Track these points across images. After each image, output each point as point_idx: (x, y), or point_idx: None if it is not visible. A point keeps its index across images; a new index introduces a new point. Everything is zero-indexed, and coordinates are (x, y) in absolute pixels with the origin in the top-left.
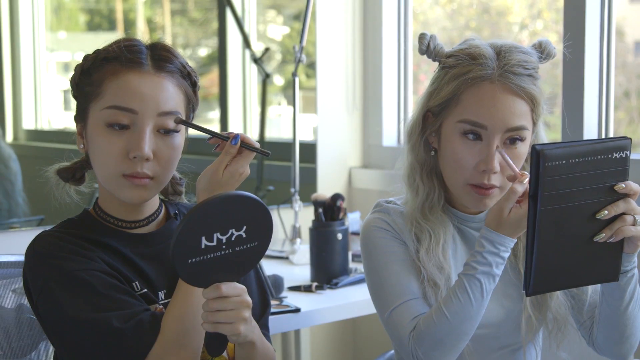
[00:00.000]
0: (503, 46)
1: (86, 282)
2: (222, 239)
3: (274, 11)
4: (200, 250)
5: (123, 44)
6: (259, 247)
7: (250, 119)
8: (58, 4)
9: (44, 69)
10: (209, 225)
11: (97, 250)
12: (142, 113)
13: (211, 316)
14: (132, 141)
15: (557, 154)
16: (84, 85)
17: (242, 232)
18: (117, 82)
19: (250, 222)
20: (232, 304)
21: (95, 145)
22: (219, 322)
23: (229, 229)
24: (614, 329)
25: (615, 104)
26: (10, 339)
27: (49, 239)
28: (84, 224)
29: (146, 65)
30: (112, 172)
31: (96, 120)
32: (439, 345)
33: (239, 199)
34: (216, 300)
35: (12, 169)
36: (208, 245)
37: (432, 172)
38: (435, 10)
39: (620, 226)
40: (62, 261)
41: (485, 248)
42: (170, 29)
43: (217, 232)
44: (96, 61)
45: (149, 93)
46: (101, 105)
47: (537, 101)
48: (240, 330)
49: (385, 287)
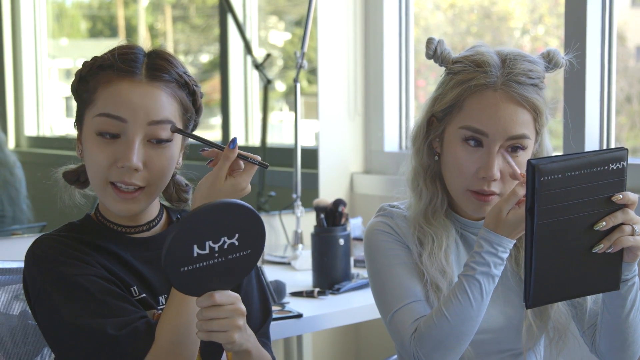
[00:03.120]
0: (509, 54)
1: (83, 287)
2: (215, 247)
3: (276, 17)
4: (193, 259)
5: (118, 52)
6: (251, 255)
7: (252, 124)
8: (60, 10)
9: (46, 76)
10: (201, 233)
11: (97, 255)
12: (132, 122)
13: (205, 325)
14: (121, 150)
15: (552, 168)
16: (81, 92)
17: (235, 240)
18: (109, 90)
19: (243, 230)
20: (226, 312)
21: (87, 152)
22: (212, 331)
23: (221, 237)
24: (616, 337)
25: (617, 108)
26: (13, 346)
27: (49, 242)
28: (84, 228)
29: (139, 74)
30: (99, 179)
31: (89, 127)
32: (440, 346)
33: (230, 207)
34: (209, 308)
35: (16, 176)
36: (200, 254)
37: (435, 177)
38: (437, 15)
39: (618, 236)
40: (60, 265)
41: (483, 248)
42: (172, 35)
43: (210, 240)
44: (92, 68)
45: (139, 102)
46: (93, 112)
47: (541, 111)
48: (235, 338)
49: (388, 289)
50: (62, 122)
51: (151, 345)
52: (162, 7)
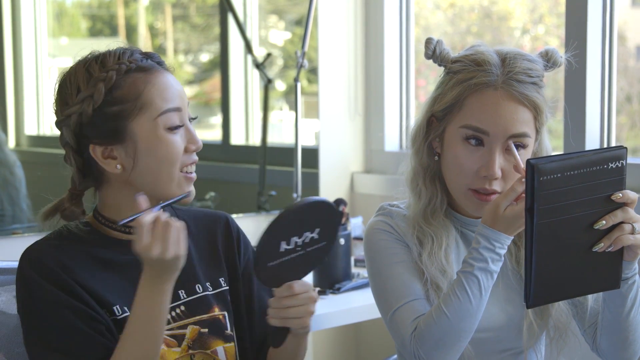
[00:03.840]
0: (508, 53)
1: (48, 317)
2: (299, 242)
3: (276, 16)
4: (279, 254)
5: (125, 57)
6: (327, 245)
7: (252, 124)
8: (60, 10)
9: (46, 75)
10: (290, 230)
11: (83, 270)
12: (183, 109)
13: (283, 312)
14: (187, 139)
15: (551, 168)
16: (108, 106)
17: (315, 234)
18: (156, 88)
19: (323, 224)
20: (302, 300)
21: (155, 150)
22: (289, 318)
23: (305, 232)
24: (617, 335)
25: (617, 108)
26: (13, 345)
27: (36, 255)
28: (81, 235)
29: (163, 65)
30: (172, 169)
31: (151, 131)
32: (440, 344)
33: (317, 205)
34: (288, 297)
35: (16, 175)
36: (286, 249)
37: (435, 177)
38: (437, 14)
39: (618, 235)
40: (37, 287)
41: (480, 244)
42: (172, 34)
43: (295, 236)
44: (118, 78)
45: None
46: (151, 116)
47: (541, 109)
48: (309, 323)
49: (388, 288)
50: None
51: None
52: (162, 6)
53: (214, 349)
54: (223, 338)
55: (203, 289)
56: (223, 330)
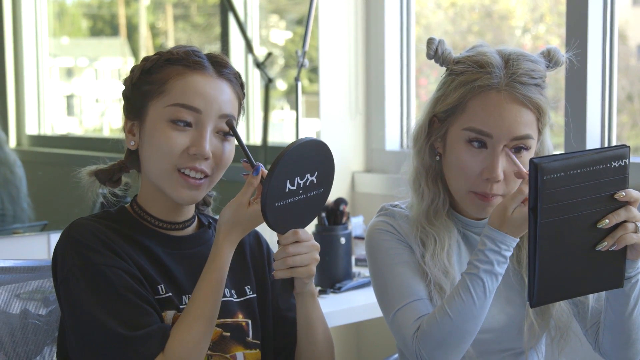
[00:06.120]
0: (511, 54)
1: (108, 279)
2: (301, 184)
3: (277, 16)
4: (285, 194)
5: (182, 50)
6: (323, 193)
7: (253, 123)
8: (61, 9)
9: (47, 75)
10: (293, 169)
11: (128, 248)
12: (206, 113)
13: (289, 260)
14: (194, 139)
15: (554, 167)
16: (142, 84)
17: (314, 177)
18: (183, 82)
19: (320, 168)
20: (306, 247)
21: (155, 141)
22: (295, 266)
23: (306, 174)
24: (620, 335)
25: (618, 107)
26: (14, 344)
27: (85, 226)
28: (120, 219)
29: (209, 69)
30: (167, 166)
31: (158, 117)
32: (443, 345)
33: (314, 144)
34: (293, 245)
35: (17, 175)
36: (290, 189)
37: (437, 177)
38: (438, 14)
39: (622, 234)
40: (91, 252)
41: (487, 246)
42: (173, 34)
43: (298, 176)
44: (159, 62)
45: (212, 94)
46: (165, 102)
47: (543, 110)
48: (314, 271)
49: (390, 288)
50: (63, 120)
51: (159, 354)
52: (163, 5)
53: (234, 354)
54: (244, 344)
55: (229, 295)
56: (244, 336)
